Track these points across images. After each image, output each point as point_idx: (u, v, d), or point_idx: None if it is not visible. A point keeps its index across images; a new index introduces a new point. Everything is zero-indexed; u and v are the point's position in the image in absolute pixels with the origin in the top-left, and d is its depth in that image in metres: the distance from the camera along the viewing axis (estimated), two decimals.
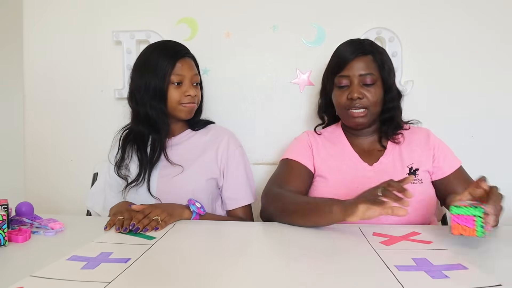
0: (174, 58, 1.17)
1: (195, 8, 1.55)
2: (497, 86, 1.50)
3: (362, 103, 1.11)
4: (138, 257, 0.72)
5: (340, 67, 1.13)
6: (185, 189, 1.15)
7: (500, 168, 1.49)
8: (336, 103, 1.17)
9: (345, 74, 1.13)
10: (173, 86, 1.17)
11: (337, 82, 1.14)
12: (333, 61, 1.18)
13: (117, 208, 1.05)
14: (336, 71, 1.14)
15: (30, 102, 1.64)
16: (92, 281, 0.61)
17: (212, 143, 1.24)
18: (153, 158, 1.17)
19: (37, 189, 1.64)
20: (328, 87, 1.20)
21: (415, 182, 1.07)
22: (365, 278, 0.64)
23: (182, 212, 1.03)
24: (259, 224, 1.03)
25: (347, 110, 1.13)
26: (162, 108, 1.17)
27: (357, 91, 1.10)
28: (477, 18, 1.48)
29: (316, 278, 0.64)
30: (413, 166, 1.11)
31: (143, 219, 0.92)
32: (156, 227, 0.91)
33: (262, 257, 0.76)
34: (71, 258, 0.71)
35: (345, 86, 1.13)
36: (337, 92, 1.15)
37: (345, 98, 1.12)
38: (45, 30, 1.61)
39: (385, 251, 0.76)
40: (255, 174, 1.33)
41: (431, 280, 0.62)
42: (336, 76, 1.14)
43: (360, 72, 1.11)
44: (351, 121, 1.14)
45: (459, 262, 0.70)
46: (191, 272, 0.66)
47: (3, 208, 0.86)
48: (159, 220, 0.93)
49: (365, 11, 1.51)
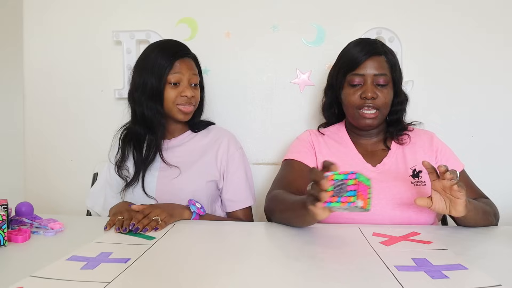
0: (173, 58, 1.15)
1: (195, 8, 1.55)
2: (497, 86, 1.50)
3: (375, 103, 1.10)
4: (137, 257, 0.72)
5: (354, 65, 1.11)
6: (185, 191, 1.15)
7: (500, 168, 1.49)
8: (347, 102, 1.14)
9: (359, 73, 1.11)
10: (170, 86, 1.16)
11: (350, 80, 1.12)
12: (344, 58, 1.16)
13: (116, 208, 1.05)
14: (349, 69, 1.12)
15: (30, 102, 1.64)
16: (92, 281, 0.61)
17: (212, 145, 1.24)
18: (147, 159, 1.17)
19: (37, 189, 1.64)
20: (336, 85, 1.17)
21: (418, 184, 1.07)
22: (365, 279, 0.64)
23: (182, 212, 1.03)
24: (259, 224, 1.03)
25: (358, 110, 1.12)
26: (158, 108, 1.16)
27: (371, 90, 1.09)
28: (477, 18, 1.49)
29: (316, 278, 0.64)
30: (416, 168, 1.10)
31: (143, 219, 0.92)
32: (156, 227, 0.91)
33: (262, 257, 0.76)
34: (70, 258, 0.71)
35: (358, 85, 1.11)
36: (349, 91, 1.13)
37: (357, 97, 1.11)
38: (45, 30, 1.61)
39: (385, 251, 0.76)
40: (255, 174, 1.34)
41: (431, 280, 0.62)
42: (348, 74, 1.12)
43: (375, 72, 1.10)
44: (361, 122, 1.13)
45: (459, 262, 0.70)
46: (190, 272, 0.67)
47: (3, 208, 0.86)
48: (159, 220, 0.93)
49: (365, 11, 1.51)
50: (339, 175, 0.72)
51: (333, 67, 1.21)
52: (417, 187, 1.06)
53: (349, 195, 0.70)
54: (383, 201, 1.03)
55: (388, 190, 1.05)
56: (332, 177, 0.72)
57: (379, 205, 1.02)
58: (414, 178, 1.08)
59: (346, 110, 1.17)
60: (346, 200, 0.70)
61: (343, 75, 1.14)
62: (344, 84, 1.14)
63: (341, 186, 0.71)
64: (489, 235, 0.91)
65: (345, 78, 1.14)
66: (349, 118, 1.18)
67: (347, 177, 0.71)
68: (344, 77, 1.14)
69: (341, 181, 0.71)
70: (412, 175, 1.09)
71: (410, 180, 1.07)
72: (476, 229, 0.93)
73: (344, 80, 1.14)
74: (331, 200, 0.71)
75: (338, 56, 1.20)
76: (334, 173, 0.72)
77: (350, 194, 0.70)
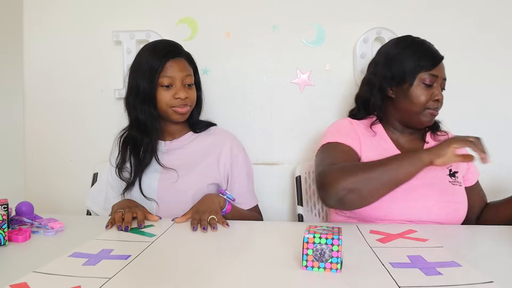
0: (163, 59, 1.14)
1: (195, 8, 1.57)
2: (498, 86, 1.52)
3: (439, 106, 1.13)
4: (138, 254, 0.75)
5: (432, 65, 1.10)
6: (186, 193, 1.16)
7: (500, 168, 1.51)
8: (417, 100, 1.10)
9: (435, 74, 1.10)
10: (162, 88, 1.15)
11: (425, 79, 1.10)
12: (419, 55, 1.11)
13: (119, 206, 1.07)
14: (427, 67, 1.10)
15: (30, 102, 1.66)
16: (93, 277, 0.64)
17: (214, 147, 1.24)
18: (143, 162, 1.17)
19: (37, 189, 1.67)
20: (401, 79, 1.12)
21: (455, 184, 1.10)
22: (359, 275, 0.66)
23: (220, 202, 1.07)
24: (259, 223, 1.05)
25: (424, 110, 1.11)
26: (152, 112, 1.16)
27: (441, 94, 1.12)
28: (477, 18, 1.51)
29: (311, 274, 0.66)
30: (452, 168, 1.13)
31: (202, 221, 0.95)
32: (215, 226, 0.94)
33: (261, 254, 0.78)
34: (73, 254, 0.74)
35: (429, 85, 1.10)
36: (422, 90, 1.10)
37: (429, 97, 1.10)
38: (45, 30, 1.64)
39: (380, 248, 0.79)
40: (255, 174, 1.35)
41: (424, 277, 0.65)
42: (424, 72, 1.10)
43: (444, 76, 1.13)
44: (423, 121, 1.12)
45: (453, 259, 0.72)
46: (190, 268, 0.69)
47: (3, 208, 0.87)
48: (215, 218, 0.97)
49: (365, 11, 1.53)
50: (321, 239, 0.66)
51: (398, 61, 1.13)
52: (454, 186, 1.10)
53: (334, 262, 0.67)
54: (425, 199, 1.05)
55: (430, 189, 1.07)
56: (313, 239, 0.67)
57: (423, 202, 1.04)
58: (451, 178, 1.11)
59: (407, 107, 1.12)
60: (330, 267, 0.67)
61: (415, 71, 1.10)
62: (413, 81, 1.10)
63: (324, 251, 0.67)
64: (486, 234, 0.94)
65: (417, 75, 1.10)
66: (407, 116, 1.14)
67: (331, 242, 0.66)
68: (417, 73, 1.10)
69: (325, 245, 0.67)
70: (449, 174, 1.12)
71: (448, 179, 1.11)
72: (473, 228, 0.96)
73: (414, 77, 1.10)
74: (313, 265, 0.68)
75: (400, 48, 1.15)
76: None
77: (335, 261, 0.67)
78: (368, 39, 1.50)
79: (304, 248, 0.67)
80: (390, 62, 1.15)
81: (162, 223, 1.00)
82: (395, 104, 1.15)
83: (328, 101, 1.57)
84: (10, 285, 0.60)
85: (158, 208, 1.16)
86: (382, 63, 1.17)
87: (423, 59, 1.10)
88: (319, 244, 0.66)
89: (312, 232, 0.67)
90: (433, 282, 0.63)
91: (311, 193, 1.49)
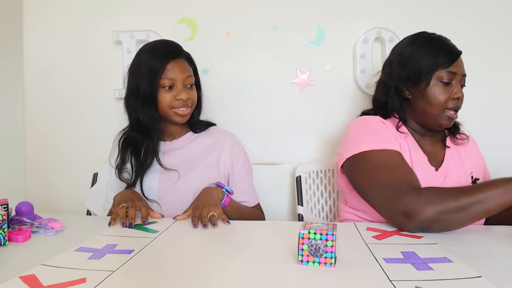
0: (164, 60, 1.16)
1: (195, 8, 1.61)
2: (497, 87, 1.57)
3: (459, 104, 1.09)
4: (141, 249, 0.80)
5: (449, 62, 1.07)
6: (186, 193, 1.18)
7: (500, 168, 1.55)
8: (435, 101, 1.07)
9: (452, 71, 1.07)
10: (164, 90, 1.17)
11: (443, 77, 1.07)
12: (435, 52, 1.08)
13: (121, 197, 1.10)
14: (444, 64, 1.07)
15: (30, 102, 1.70)
16: (98, 270, 0.69)
17: (214, 147, 1.27)
18: (144, 164, 1.20)
19: (37, 189, 1.70)
20: (417, 79, 1.09)
21: None
22: (352, 269, 0.71)
23: (218, 194, 1.11)
24: (260, 223, 1.09)
25: (444, 110, 1.08)
26: (153, 113, 1.18)
27: (461, 91, 1.07)
28: (477, 18, 1.55)
29: (306, 269, 0.71)
30: (473, 175, 1.13)
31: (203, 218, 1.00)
32: (215, 223, 0.98)
33: (261, 252, 0.82)
34: (78, 249, 0.80)
35: (448, 83, 1.07)
36: (440, 89, 1.07)
37: (448, 96, 1.07)
38: (45, 30, 1.68)
39: (375, 245, 0.83)
40: (255, 174, 1.39)
41: (416, 271, 0.69)
42: (441, 70, 1.07)
43: (463, 72, 1.09)
44: (443, 122, 1.09)
45: (445, 255, 0.77)
46: (191, 263, 0.74)
47: (3, 207, 0.88)
48: (215, 215, 1.02)
49: (365, 11, 1.57)
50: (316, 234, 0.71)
51: (414, 59, 1.10)
52: None
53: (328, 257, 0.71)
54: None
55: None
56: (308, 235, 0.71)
57: None
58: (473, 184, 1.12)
59: (424, 108, 1.10)
60: (325, 262, 0.71)
61: (432, 69, 1.07)
62: (430, 80, 1.08)
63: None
64: (481, 234, 0.97)
65: (434, 74, 1.07)
66: (424, 118, 1.12)
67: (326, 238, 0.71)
68: (434, 71, 1.07)
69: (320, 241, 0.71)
70: (472, 181, 1.13)
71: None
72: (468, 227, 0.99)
73: (431, 75, 1.07)
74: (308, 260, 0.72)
75: (415, 46, 1.12)
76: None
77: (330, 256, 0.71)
78: (368, 39, 1.55)
79: (300, 244, 0.71)
80: (405, 61, 1.12)
81: (164, 220, 1.06)
82: (412, 105, 1.13)
83: (328, 101, 1.61)
84: (20, 277, 0.65)
85: (159, 208, 1.20)
86: (397, 63, 1.14)
87: (440, 56, 1.07)
88: (314, 239, 0.71)
89: (307, 228, 0.72)
90: (423, 277, 0.67)
91: (311, 193, 1.54)
